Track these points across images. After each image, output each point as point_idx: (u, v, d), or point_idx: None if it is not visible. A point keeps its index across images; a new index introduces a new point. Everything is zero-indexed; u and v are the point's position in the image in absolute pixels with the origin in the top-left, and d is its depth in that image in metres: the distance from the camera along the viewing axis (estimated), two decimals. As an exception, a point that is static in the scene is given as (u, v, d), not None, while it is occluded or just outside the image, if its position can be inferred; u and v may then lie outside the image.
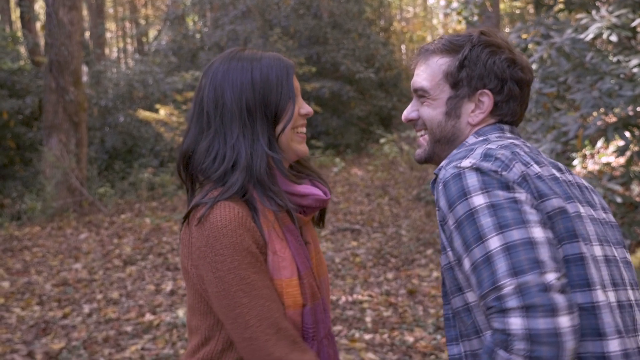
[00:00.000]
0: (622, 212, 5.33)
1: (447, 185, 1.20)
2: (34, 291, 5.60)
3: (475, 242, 1.14)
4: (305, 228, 1.47)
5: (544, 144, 5.25)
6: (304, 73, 13.81)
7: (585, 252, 1.21)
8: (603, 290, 1.21)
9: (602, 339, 1.18)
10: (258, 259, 1.30)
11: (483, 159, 1.21)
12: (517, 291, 1.07)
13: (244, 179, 1.33)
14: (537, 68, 6.02)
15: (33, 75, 11.69)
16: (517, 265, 1.08)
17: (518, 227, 1.12)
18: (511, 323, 1.06)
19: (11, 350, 4.25)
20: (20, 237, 7.89)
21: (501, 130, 1.38)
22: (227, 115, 1.36)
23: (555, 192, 1.23)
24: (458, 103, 1.38)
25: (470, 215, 1.15)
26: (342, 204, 9.20)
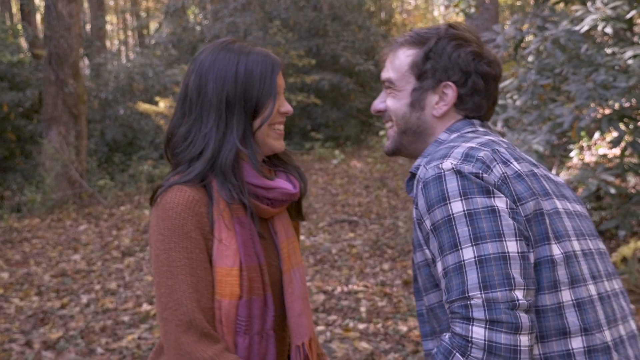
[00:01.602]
0: (617, 204, 5.35)
1: (427, 186, 1.21)
2: (33, 282, 5.64)
3: (449, 249, 1.16)
4: (277, 220, 1.50)
5: (539, 135, 5.27)
6: (303, 65, 13.81)
7: (570, 250, 1.24)
8: (586, 285, 1.24)
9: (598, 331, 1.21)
10: (197, 245, 1.34)
11: (464, 160, 1.22)
12: (484, 305, 1.09)
13: (204, 167, 1.38)
14: (533, 60, 6.03)
15: (33, 68, 11.71)
16: (487, 280, 1.10)
17: (493, 241, 1.13)
18: (474, 332, 1.09)
19: (9, 340, 4.31)
20: (20, 229, 7.93)
21: (472, 125, 1.38)
22: (207, 104, 1.40)
23: (533, 191, 1.24)
24: (422, 95, 1.39)
25: (448, 221, 1.17)
26: (340, 196, 9.24)
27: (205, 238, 1.37)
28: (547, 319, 1.19)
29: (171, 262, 1.33)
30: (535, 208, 1.22)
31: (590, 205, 6.25)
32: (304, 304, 1.49)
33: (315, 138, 13.79)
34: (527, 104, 5.80)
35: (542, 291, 1.20)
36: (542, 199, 1.25)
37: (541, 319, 1.19)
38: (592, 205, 6.25)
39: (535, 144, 5.12)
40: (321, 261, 6.03)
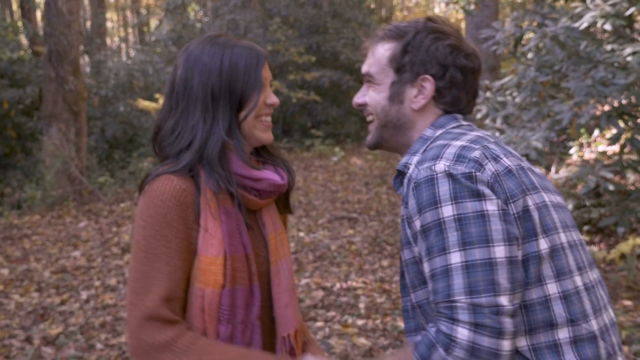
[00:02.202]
0: (616, 200, 5.36)
1: (419, 187, 1.22)
2: (33, 278, 5.66)
3: (437, 252, 1.17)
4: (265, 212, 1.52)
5: (539, 132, 5.27)
6: (303, 62, 13.81)
7: (557, 243, 1.26)
8: (572, 277, 1.26)
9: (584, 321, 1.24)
10: (178, 235, 1.36)
11: (456, 161, 1.22)
12: (469, 309, 1.12)
13: (192, 158, 1.40)
14: (533, 57, 6.03)
15: (33, 65, 11.71)
16: (473, 285, 1.13)
17: (480, 246, 1.15)
18: (458, 332, 1.12)
19: (10, 336, 4.32)
20: (20, 226, 7.95)
21: (456, 120, 1.39)
22: (193, 98, 1.43)
23: (523, 187, 1.25)
24: (401, 88, 1.39)
25: (437, 224, 1.18)
26: (340, 193, 9.25)
27: (189, 228, 1.38)
28: (534, 312, 1.21)
29: (149, 249, 1.35)
30: (525, 204, 1.23)
31: (589, 202, 6.26)
32: (290, 295, 1.50)
33: (316, 135, 13.80)
34: (526, 101, 5.80)
35: (529, 286, 1.21)
36: (531, 192, 1.27)
37: (529, 312, 1.21)
38: (591, 202, 6.26)
39: (534, 140, 5.12)
40: (320, 258, 6.04)
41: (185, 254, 1.37)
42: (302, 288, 5.14)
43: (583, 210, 6.19)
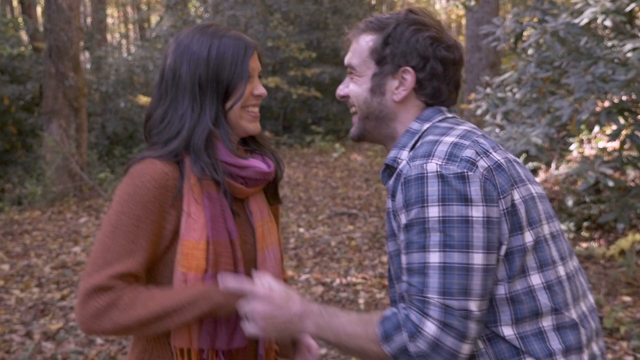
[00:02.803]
0: (616, 196, 5.36)
1: (409, 184, 1.23)
2: (33, 274, 5.67)
3: (417, 249, 1.20)
4: (252, 201, 1.53)
5: (538, 128, 5.27)
6: (304, 58, 13.80)
7: (541, 235, 1.29)
8: (555, 268, 1.29)
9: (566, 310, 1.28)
10: (150, 217, 1.37)
11: (448, 160, 1.23)
12: (441, 308, 1.16)
13: (178, 145, 1.42)
14: (533, 53, 6.03)
15: (34, 61, 11.71)
16: (448, 287, 1.17)
17: (460, 251, 1.18)
18: (427, 326, 1.16)
19: (10, 331, 4.33)
20: (21, 221, 7.96)
21: (441, 113, 1.39)
22: (181, 87, 1.44)
23: (512, 181, 1.27)
24: (382, 80, 1.40)
25: (422, 222, 1.20)
26: (340, 189, 9.25)
27: (165, 212, 1.39)
28: (521, 302, 1.24)
29: (118, 225, 1.36)
30: (512, 198, 1.25)
31: (589, 198, 6.26)
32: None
33: (316, 131, 13.79)
34: (526, 97, 5.80)
35: (512, 279, 1.24)
36: (519, 185, 1.28)
37: (515, 302, 1.24)
38: (591, 198, 6.26)
39: (534, 136, 5.12)
40: (320, 253, 6.05)
41: (155, 237, 1.38)
42: (301, 283, 5.15)
43: (583, 206, 6.19)
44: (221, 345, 1.41)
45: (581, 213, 6.14)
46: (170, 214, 1.39)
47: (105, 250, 1.35)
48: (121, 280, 1.33)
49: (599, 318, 4.16)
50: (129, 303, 1.31)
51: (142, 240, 1.36)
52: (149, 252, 1.37)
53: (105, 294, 1.32)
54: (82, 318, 1.32)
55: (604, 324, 4.03)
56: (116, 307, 1.31)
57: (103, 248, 1.36)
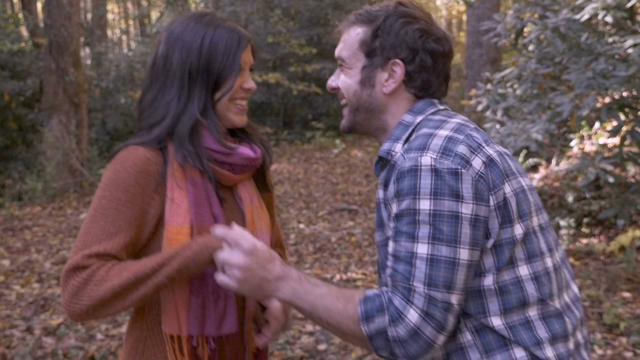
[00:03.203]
0: (616, 193, 5.36)
1: (402, 176, 1.24)
2: (34, 269, 5.68)
3: (406, 238, 1.21)
4: (241, 187, 1.53)
5: (539, 124, 5.27)
6: (304, 54, 13.78)
7: (530, 227, 1.31)
8: (543, 259, 1.31)
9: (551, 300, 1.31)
10: (131, 200, 1.38)
11: (443, 154, 1.23)
12: (425, 298, 1.17)
13: (161, 132, 1.43)
14: (534, 49, 6.02)
15: (34, 57, 11.70)
16: (433, 278, 1.18)
17: (449, 245, 1.19)
18: (410, 313, 1.17)
19: (10, 326, 4.34)
20: (21, 217, 7.97)
21: (433, 105, 1.40)
22: (171, 74, 1.45)
23: (503, 175, 1.28)
24: (372, 72, 1.41)
25: (412, 213, 1.21)
26: (340, 185, 9.25)
27: (147, 196, 1.39)
28: (509, 292, 1.26)
29: (99, 208, 1.37)
30: (505, 192, 1.27)
31: (589, 194, 6.26)
32: None
33: (316, 127, 13.78)
34: (527, 93, 5.80)
35: (500, 270, 1.26)
36: (510, 179, 1.30)
37: (504, 293, 1.26)
38: (592, 194, 6.26)
39: (534, 133, 5.12)
40: (320, 249, 6.06)
41: (137, 221, 1.38)
42: (302, 279, 5.16)
43: (583, 202, 6.19)
44: (211, 331, 1.41)
45: (581, 209, 6.14)
46: (154, 199, 1.40)
47: (85, 233, 1.36)
48: (97, 258, 1.34)
49: (599, 314, 4.17)
50: (104, 276, 1.31)
51: (122, 222, 1.37)
52: (131, 235, 1.38)
53: (82, 272, 1.32)
54: (64, 301, 1.33)
55: (604, 320, 4.03)
56: (92, 282, 1.31)
57: (84, 231, 1.37)
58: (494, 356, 1.26)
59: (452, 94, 16.44)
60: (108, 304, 1.31)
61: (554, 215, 6.13)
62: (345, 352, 3.81)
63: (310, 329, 4.17)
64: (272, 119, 14.10)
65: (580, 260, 5.27)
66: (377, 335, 1.19)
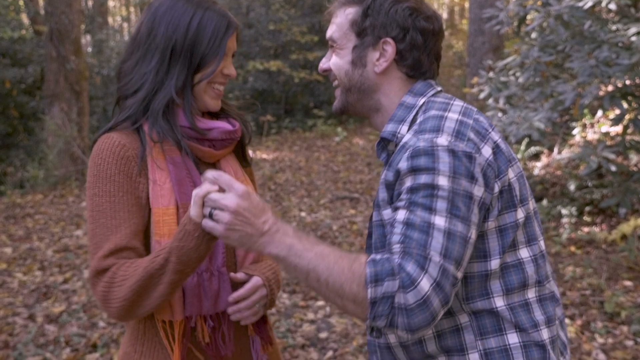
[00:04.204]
0: (618, 181, 5.35)
1: (418, 154, 1.22)
2: (36, 257, 5.69)
3: (423, 209, 1.18)
4: (224, 163, 1.54)
5: (541, 112, 5.25)
6: (306, 42, 13.73)
7: (530, 211, 1.33)
8: (538, 242, 1.35)
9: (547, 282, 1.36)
10: (121, 188, 1.37)
11: (457, 137, 1.24)
12: (440, 268, 1.14)
13: (136, 108, 1.42)
14: (536, 36, 5.99)
15: (35, 44, 11.67)
16: (449, 250, 1.15)
17: (464, 223, 1.18)
18: (423, 281, 1.12)
19: (13, 314, 4.36)
20: (23, 205, 7.98)
21: (432, 87, 1.41)
22: (153, 46, 1.43)
23: (507, 160, 1.29)
24: (363, 52, 1.41)
25: (431, 187, 1.19)
26: (342, 173, 9.25)
27: (134, 181, 1.39)
28: (510, 274, 1.29)
29: (94, 207, 1.37)
30: (509, 177, 1.29)
31: (591, 183, 6.25)
32: None
33: (318, 115, 13.76)
34: (529, 81, 5.77)
35: (504, 253, 1.28)
36: (512, 164, 1.31)
37: (505, 275, 1.28)
38: (594, 182, 6.25)
39: (537, 121, 5.10)
40: (322, 237, 6.06)
41: (133, 207, 1.38)
42: (303, 267, 5.16)
43: (585, 190, 6.18)
44: (208, 310, 1.42)
45: (583, 197, 6.13)
46: (141, 183, 1.40)
47: (93, 236, 1.36)
48: (114, 256, 1.33)
49: (600, 302, 4.18)
50: (123, 276, 1.31)
51: (122, 212, 1.36)
52: (135, 222, 1.37)
53: (104, 275, 1.32)
54: (101, 306, 1.34)
55: (605, 309, 4.04)
56: (115, 284, 1.31)
57: (91, 235, 1.37)
58: (488, 339, 1.27)
59: (454, 81, 16.39)
60: (136, 302, 1.31)
61: (555, 203, 6.13)
62: (346, 341, 3.82)
63: (312, 317, 4.18)
64: (274, 106, 14.07)
65: (581, 248, 5.27)
66: (383, 300, 1.12)
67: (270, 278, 1.50)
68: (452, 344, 1.29)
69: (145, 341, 1.46)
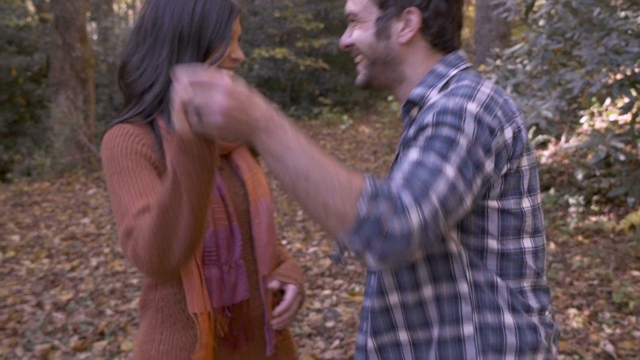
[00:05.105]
0: (627, 170, 5.32)
1: (445, 112, 1.21)
2: (43, 245, 5.71)
3: (438, 155, 1.15)
4: (236, 155, 1.53)
5: (549, 101, 5.22)
6: (311, 29, 13.67)
7: (536, 203, 1.33)
8: (542, 235, 1.36)
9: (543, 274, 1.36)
10: (141, 163, 1.36)
11: (486, 109, 1.23)
12: (433, 210, 1.09)
13: (152, 101, 1.40)
14: (544, 24, 5.94)
15: (40, 32, 11.65)
16: (448, 201, 1.11)
17: (467, 185, 1.16)
18: (414, 215, 1.06)
19: (21, 301, 4.38)
20: (30, 193, 8.00)
21: (464, 61, 1.39)
22: (161, 36, 1.41)
23: (525, 148, 1.28)
24: (387, 23, 1.37)
25: (452, 141, 1.16)
26: (348, 162, 9.23)
27: (151, 163, 1.37)
28: (509, 260, 1.29)
29: (115, 185, 1.35)
30: (519, 164, 1.27)
31: (599, 172, 6.23)
32: (270, 233, 1.51)
33: (324, 103, 13.72)
34: (537, 69, 5.73)
35: (507, 237, 1.28)
36: (528, 153, 1.30)
37: (504, 260, 1.29)
38: (602, 171, 6.22)
39: (544, 109, 5.07)
40: (328, 226, 6.05)
41: (155, 179, 1.35)
42: (309, 256, 5.17)
43: (593, 180, 6.15)
44: (226, 301, 1.43)
45: (591, 187, 6.10)
46: (157, 168, 1.38)
47: (118, 206, 1.33)
48: (142, 215, 1.29)
49: (608, 293, 4.17)
50: (143, 224, 1.27)
51: (144, 184, 1.34)
52: (155, 187, 1.35)
53: (131, 234, 1.28)
54: (136, 265, 1.29)
55: (613, 299, 4.03)
56: (139, 236, 1.27)
57: (116, 206, 1.34)
58: (485, 314, 1.27)
59: (460, 69, 16.30)
60: (163, 246, 1.23)
61: (563, 192, 6.11)
62: (352, 330, 3.83)
63: (318, 306, 4.19)
64: (279, 94, 14.03)
65: (589, 238, 5.26)
66: (372, 220, 1.05)
67: (301, 281, 1.54)
68: (449, 312, 1.28)
69: (163, 330, 1.47)
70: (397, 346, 1.34)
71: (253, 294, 1.50)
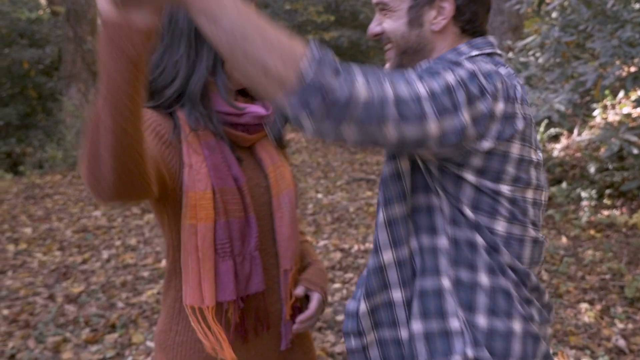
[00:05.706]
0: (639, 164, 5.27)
1: (442, 58, 1.21)
2: (55, 237, 5.75)
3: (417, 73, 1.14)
4: (259, 147, 1.52)
5: (562, 93, 5.18)
6: (322, 22, 13.63)
7: (540, 199, 1.32)
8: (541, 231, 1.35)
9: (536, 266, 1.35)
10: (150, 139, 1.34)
11: (484, 75, 1.19)
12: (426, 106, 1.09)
13: (172, 94, 1.40)
14: (557, 16, 5.89)
15: (52, 25, 11.69)
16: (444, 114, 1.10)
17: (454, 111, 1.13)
18: (359, 84, 1.03)
19: (33, 293, 4.41)
20: (42, 185, 8.05)
21: (491, 45, 1.37)
22: (177, 32, 1.41)
23: (515, 132, 1.24)
24: (419, 11, 1.35)
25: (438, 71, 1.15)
26: (358, 155, 9.22)
27: (163, 143, 1.36)
28: (510, 245, 1.27)
29: None
30: (507, 149, 1.23)
31: (612, 165, 6.17)
32: (292, 227, 1.51)
33: (334, 96, 13.70)
34: (549, 62, 5.69)
35: (513, 220, 1.26)
36: (522, 143, 1.27)
37: (505, 243, 1.27)
38: (614, 165, 6.17)
39: (557, 102, 5.04)
40: (338, 219, 6.06)
41: (159, 155, 1.34)
42: (320, 249, 5.17)
43: (605, 173, 6.10)
44: (240, 292, 1.42)
45: (603, 180, 6.06)
46: (170, 153, 1.37)
47: None
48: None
49: (620, 287, 4.14)
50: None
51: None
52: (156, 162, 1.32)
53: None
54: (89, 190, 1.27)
55: (625, 293, 4.00)
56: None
57: None
58: (460, 272, 1.26)
59: (472, 61, 16.23)
60: (92, 154, 1.09)
61: (575, 186, 6.06)
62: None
63: (328, 300, 4.19)
64: (290, 87, 14.04)
65: (601, 232, 5.22)
66: (317, 86, 0.99)
67: (325, 289, 1.55)
68: (429, 265, 1.28)
69: (180, 320, 1.47)
70: (390, 305, 1.34)
71: (272, 288, 1.50)
